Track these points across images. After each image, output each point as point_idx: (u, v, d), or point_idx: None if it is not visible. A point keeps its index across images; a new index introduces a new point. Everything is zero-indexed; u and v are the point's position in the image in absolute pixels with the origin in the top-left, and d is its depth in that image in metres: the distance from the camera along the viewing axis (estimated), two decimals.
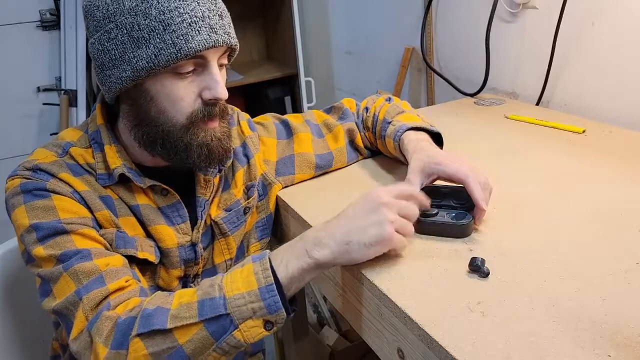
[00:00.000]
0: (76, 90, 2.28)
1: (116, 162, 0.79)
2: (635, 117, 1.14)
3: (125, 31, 0.71)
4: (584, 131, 1.11)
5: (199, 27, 0.71)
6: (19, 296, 1.02)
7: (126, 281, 0.72)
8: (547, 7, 1.29)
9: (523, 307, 0.62)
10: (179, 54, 0.71)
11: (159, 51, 0.70)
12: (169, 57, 0.71)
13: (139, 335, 0.65)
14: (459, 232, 0.76)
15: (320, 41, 2.51)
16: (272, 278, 0.66)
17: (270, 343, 1.59)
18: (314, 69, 2.59)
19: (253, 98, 2.60)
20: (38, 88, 2.38)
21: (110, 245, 0.77)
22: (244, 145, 0.94)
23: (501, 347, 0.56)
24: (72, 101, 2.29)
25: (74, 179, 0.77)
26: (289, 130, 1.01)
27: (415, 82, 1.90)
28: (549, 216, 0.81)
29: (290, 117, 1.03)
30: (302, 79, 2.35)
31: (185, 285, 0.87)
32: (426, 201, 0.74)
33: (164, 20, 0.70)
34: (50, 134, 2.40)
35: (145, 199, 0.82)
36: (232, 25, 0.78)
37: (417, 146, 0.88)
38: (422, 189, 0.81)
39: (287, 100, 2.60)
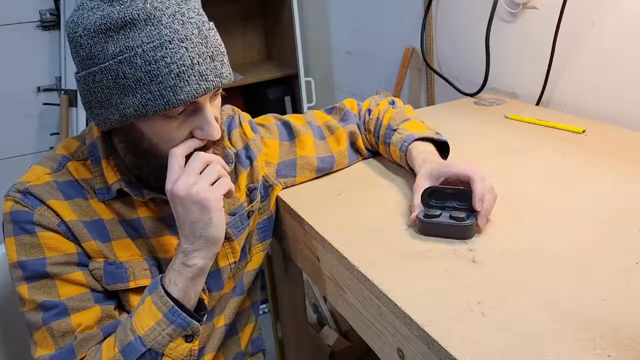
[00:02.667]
0: (76, 90, 2.27)
1: (113, 177, 0.78)
2: (635, 117, 1.14)
3: (111, 77, 0.68)
4: (584, 131, 1.11)
5: (188, 77, 0.68)
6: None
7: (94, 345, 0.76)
8: (547, 7, 1.29)
9: (523, 307, 0.62)
10: (167, 106, 0.68)
11: (147, 102, 0.68)
12: (157, 108, 0.69)
13: None
14: (462, 233, 0.76)
15: (320, 41, 2.51)
16: (171, 302, 0.72)
17: (270, 343, 1.58)
18: (314, 69, 2.59)
19: (253, 98, 2.60)
20: (38, 88, 2.38)
21: (99, 281, 0.78)
22: (247, 148, 0.93)
23: (501, 347, 0.56)
24: (72, 101, 2.29)
25: (63, 205, 0.77)
26: (290, 132, 1.00)
27: (415, 82, 1.90)
28: (549, 216, 0.81)
29: (291, 118, 1.02)
30: (302, 79, 2.35)
31: None
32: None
33: (150, 72, 0.67)
34: (50, 134, 2.40)
35: (146, 211, 0.81)
36: (225, 60, 0.73)
37: (427, 158, 0.88)
38: (426, 190, 0.81)
39: (287, 100, 2.60)
